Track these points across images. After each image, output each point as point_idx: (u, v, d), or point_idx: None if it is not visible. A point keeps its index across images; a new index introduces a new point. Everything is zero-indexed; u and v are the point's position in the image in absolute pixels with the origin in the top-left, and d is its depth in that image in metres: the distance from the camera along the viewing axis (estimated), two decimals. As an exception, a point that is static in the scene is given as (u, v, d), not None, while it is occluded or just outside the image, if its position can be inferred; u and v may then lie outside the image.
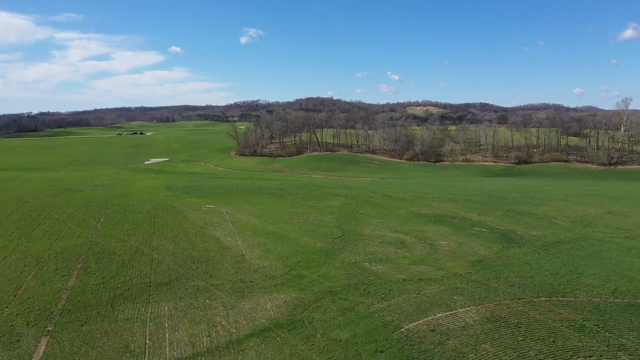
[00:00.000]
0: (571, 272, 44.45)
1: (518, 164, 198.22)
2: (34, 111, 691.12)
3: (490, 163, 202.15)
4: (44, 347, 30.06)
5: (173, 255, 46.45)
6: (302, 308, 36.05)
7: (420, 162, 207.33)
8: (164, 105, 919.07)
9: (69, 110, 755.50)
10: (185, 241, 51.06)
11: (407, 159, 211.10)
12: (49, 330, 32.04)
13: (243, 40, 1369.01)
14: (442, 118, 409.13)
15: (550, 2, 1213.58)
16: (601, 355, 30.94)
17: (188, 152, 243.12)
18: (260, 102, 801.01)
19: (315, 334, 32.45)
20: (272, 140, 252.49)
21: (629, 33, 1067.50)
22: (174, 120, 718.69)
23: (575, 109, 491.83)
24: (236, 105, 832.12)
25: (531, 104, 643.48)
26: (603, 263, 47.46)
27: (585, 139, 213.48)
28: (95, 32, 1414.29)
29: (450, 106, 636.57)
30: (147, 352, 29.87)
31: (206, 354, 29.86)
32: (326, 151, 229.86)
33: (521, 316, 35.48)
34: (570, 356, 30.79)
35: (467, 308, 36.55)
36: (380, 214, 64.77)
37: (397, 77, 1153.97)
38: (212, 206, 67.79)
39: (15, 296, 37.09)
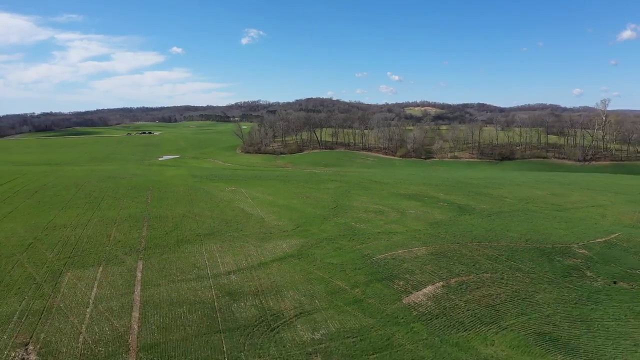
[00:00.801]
0: (501, 229, 60.90)
1: (501, 160, 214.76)
2: (33, 112, 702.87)
3: (476, 159, 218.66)
4: (141, 265, 46.39)
5: (211, 219, 62.78)
6: (307, 247, 52.42)
7: (412, 158, 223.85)
8: (165, 106, 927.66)
9: (72, 111, 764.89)
10: (217, 210, 67.40)
11: (400, 156, 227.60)
12: (140, 257, 48.37)
13: (244, 41, 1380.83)
14: (437, 118, 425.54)
15: (550, 4, 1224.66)
16: (503, 272, 47.46)
17: (196, 150, 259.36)
18: (261, 102, 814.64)
19: (316, 261, 48.79)
20: (275, 139, 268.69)
21: (627, 34, 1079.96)
22: (176, 121, 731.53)
23: (572, 109, 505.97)
24: (237, 106, 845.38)
25: (528, 104, 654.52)
26: (528, 225, 63.90)
27: (565, 137, 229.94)
28: (96, 32, 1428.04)
29: (448, 106, 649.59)
30: (208, 268, 46.20)
31: (246, 269, 46.16)
32: (325, 149, 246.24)
33: (455, 252, 51.93)
34: (482, 272, 47.23)
35: (420, 247, 52.98)
36: (366, 193, 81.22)
37: (397, 78, 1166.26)
38: (233, 188, 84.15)
39: (109, 240, 53.43)
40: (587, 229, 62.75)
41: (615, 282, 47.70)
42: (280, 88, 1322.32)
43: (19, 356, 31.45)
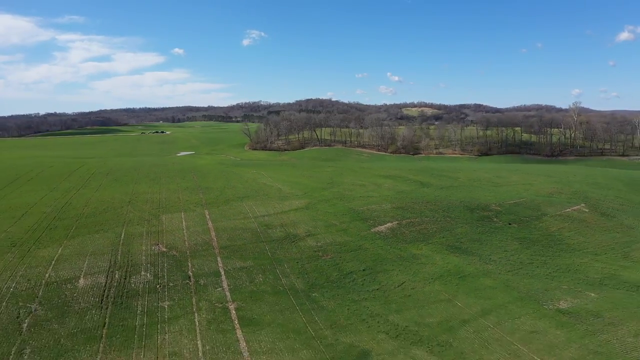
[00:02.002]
0: (446, 196, 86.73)
1: (480, 155, 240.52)
2: (38, 112, 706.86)
3: (457, 155, 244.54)
4: (207, 212, 72.11)
5: (244, 188, 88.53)
6: (311, 204, 78.15)
7: (401, 154, 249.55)
8: (167, 106, 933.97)
9: (75, 111, 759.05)
10: (247, 183, 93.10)
11: (391, 152, 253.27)
12: (205, 208, 74.09)
13: (245, 42, 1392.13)
14: (432, 118, 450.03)
15: (548, 6, 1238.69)
16: (438, 218, 73.23)
17: (208, 147, 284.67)
18: (262, 103, 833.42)
19: (318, 211, 74.47)
20: (279, 137, 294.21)
21: (625, 35, 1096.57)
22: (180, 121, 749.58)
23: (566, 110, 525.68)
24: (238, 106, 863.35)
25: (524, 105, 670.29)
26: (466, 193, 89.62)
27: (538, 135, 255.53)
28: (96, 33, 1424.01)
29: (445, 107, 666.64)
30: (249, 213, 71.84)
31: (273, 214, 71.80)
32: (324, 146, 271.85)
33: (410, 207, 77.76)
34: (424, 217, 73.04)
35: (387, 204, 78.80)
36: (354, 174, 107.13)
37: (397, 78, 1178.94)
38: (254, 171, 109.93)
39: (179, 200, 79.13)
40: (506, 196, 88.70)
41: (510, 224, 73.76)
42: (280, 89, 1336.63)
43: (157, 248, 57.28)
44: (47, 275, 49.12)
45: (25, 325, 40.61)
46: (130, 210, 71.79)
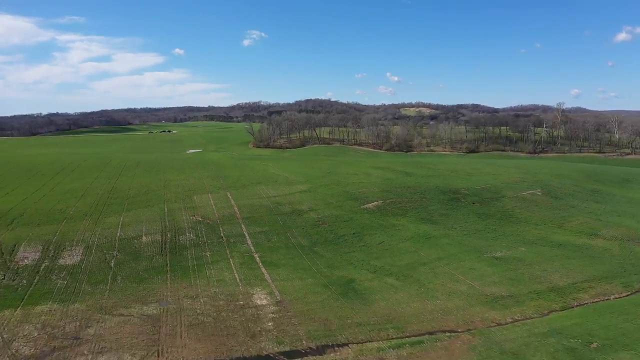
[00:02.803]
0: (425, 182, 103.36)
1: (468, 152, 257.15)
2: (40, 112, 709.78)
3: (447, 152, 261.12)
4: (228, 193, 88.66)
5: (256, 176, 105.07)
6: (313, 188, 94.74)
7: (395, 151, 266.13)
8: (168, 106, 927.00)
9: (77, 111, 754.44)
10: (258, 173, 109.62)
11: (385, 150, 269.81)
12: (227, 191, 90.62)
13: (246, 42, 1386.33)
14: (424, 118, 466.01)
15: (547, 6, 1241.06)
16: (415, 199, 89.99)
17: (215, 145, 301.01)
18: (262, 103, 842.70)
19: (318, 193, 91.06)
20: (281, 136, 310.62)
21: (623, 36, 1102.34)
22: (182, 121, 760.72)
23: (564, 110, 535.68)
24: (239, 107, 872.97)
25: (521, 105, 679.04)
26: (443, 181, 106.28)
27: (522, 134, 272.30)
28: (97, 34, 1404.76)
29: (442, 107, 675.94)
30: (263, 194, 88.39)
31: (282, 195, 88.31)
32: (324, 144, 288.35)
33: (393, 190, 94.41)
34: (404, 198, 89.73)
35: (374, 188, 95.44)
36: (350, 166, 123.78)
37: (396, 79, 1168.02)
38: (263, 164, 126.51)
39: (205, 185, 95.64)
40: (475, 182, 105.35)
41: (473, 203, 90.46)
42: (280, 89, 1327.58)
43: (194, 218, 73.87)
44: (118, 234, 65.73)
45: (112, 263, 57.21)
46: (167, 192, 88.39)
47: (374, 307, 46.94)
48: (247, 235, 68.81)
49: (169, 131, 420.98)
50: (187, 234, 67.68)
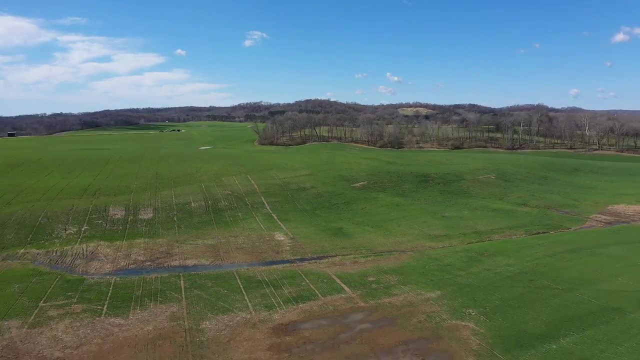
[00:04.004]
0: (403, 169, 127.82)
1: (453, 149, 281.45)
2: (45, 112, 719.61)
3: (434, 148, 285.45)
4: (249, 176, 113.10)
5: (268, 164, 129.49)
6: (313, 172, 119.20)
7: (387, 148, 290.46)
8: (169, 107, 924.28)
9: (80, 112, 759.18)
10: (268, 162, 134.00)
11: (379, 146, 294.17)
12: (247, 174, 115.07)
13: (247, 43, 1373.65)
14: (418, 117, 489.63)
15: (545, 7, 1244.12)
16: (394, 180, 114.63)
17: (223, 143, 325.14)
18: (262, 103, 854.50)
19: (318, 177, 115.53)
20: (284, 134, 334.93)
21: (620, 37, 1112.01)
22: (184, 121, 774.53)
23: (559, 109, 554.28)
24: (240, 107, 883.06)
25: (517, 105, 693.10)
26: (419, 168, 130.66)
27: (502, 132, 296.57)
28: (98, 34, 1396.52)
29: (439, 107, 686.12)
30: (276, 176, 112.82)
31: (290, 177, 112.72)
32: (323, 141, 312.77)
33: (377, 174, 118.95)
34: (385, 180, 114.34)
35: (362, 173, 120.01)
36: (344, 157, 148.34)
37: (396, 79, 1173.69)
38: (271, 156, 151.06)
39: (228, 170, 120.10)
40: (444, 169, 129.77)
41: (438, 183, 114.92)
42: (280, 89, 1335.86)
43: (226, 192, 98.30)
44: (173, 201, 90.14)
45: (175, 218, 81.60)
46: (201, 175, 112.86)
47: (353, 240, 71.47)
48: (265, 203, 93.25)
49: (178, 130, 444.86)
50: (222, 201, 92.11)
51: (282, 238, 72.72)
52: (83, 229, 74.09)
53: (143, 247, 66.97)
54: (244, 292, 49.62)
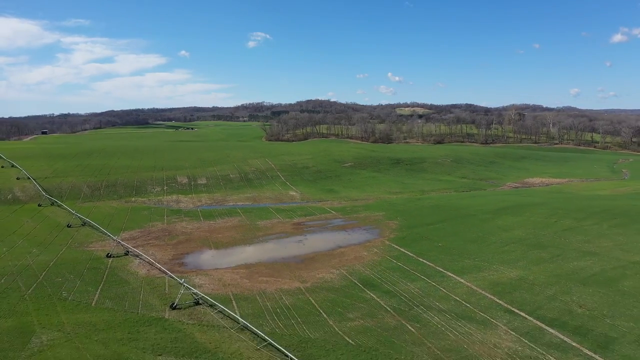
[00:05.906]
0: (385, 156, 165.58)
1: (435, 144, 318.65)
2: (52, 112, 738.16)
3: (419, 143, 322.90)
4: (269, 160, 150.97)
5: (280, 152, 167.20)
6: (313, 157, 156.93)
7: (378, 143, 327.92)
8: (172, 107, 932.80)
9: (87, 112, 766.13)
10: (280, 150, 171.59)
11: (371, 142, 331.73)
12: (267, 159, 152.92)
13: (250, 44, 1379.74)
14: (412, 116, 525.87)
15: (544, 8, 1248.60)
16: (376, 165, 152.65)
17: (235, 139, 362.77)
18: (265, 103, 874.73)
19: (317, 159, 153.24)
20: (288, 132, 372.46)
21: (619, 37, 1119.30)
22: (190, 120, 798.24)
23: (554, 109, 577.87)
24: (243, 107, 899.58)
25: (513, 104, 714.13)
26: (394, 155, 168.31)
27: (477, 129, 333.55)
28: (101, 35, 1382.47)
29: (436, 107, 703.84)
30: (287, 159, 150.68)
31: (296, 161, 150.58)
32: (322, 137, 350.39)
33: (362, 160, 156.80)
34: (367, 166, 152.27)
35: (350, 157, 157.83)
36: (338, 147, 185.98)
37: (397, 79, 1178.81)
38: (280, 147, 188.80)
39: (251, 155, 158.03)
40: (413, 156, 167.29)
41: (406, 165, 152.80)
42: (281, 89, 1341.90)
43: (251, 168, 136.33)
44: (217, 174, 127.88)
45: (221, 184, 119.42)
46: (231, 159, 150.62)
47: (340, 194, 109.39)
48: (280, 176, 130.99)
49: (192, 129, 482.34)
50: (251, 174, 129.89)
51: (294, 193, 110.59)
52: (164, 189, 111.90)
53: (207, 197, 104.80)
54: (275, 212, 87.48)
